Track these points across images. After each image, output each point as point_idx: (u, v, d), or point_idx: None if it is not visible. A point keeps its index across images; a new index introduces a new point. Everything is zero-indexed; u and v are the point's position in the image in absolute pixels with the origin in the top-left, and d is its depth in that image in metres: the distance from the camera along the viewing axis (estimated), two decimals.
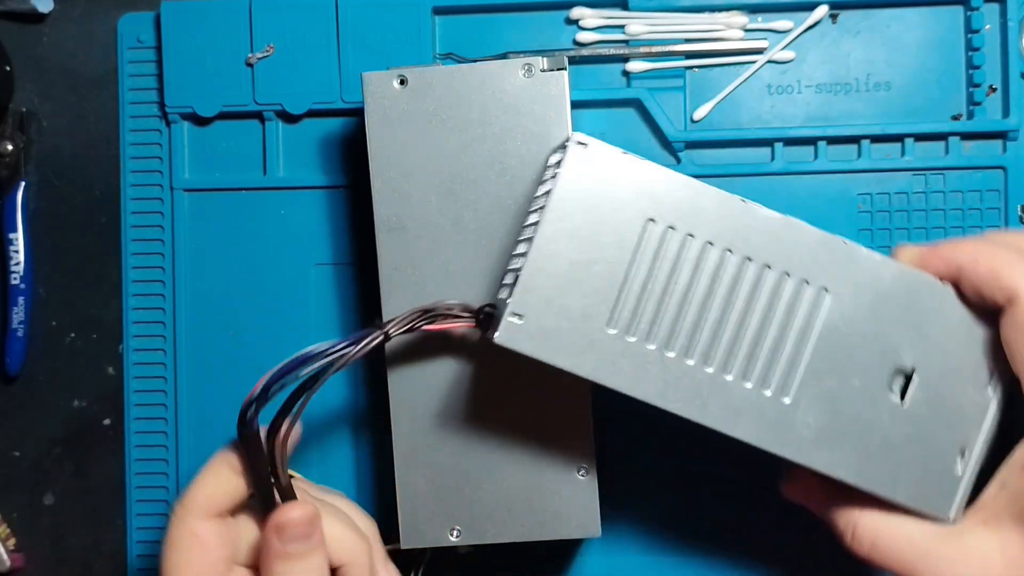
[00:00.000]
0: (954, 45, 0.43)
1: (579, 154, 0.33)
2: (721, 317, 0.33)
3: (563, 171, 0.33)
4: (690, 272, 0.33)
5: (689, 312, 0.33)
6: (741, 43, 0.43)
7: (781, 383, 0.33)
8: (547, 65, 0.37)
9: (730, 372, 0.33)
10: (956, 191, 0.43)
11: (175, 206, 0.45)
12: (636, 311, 0.33)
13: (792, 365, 0.34)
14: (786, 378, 0.34)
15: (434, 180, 0.38)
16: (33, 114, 0.46)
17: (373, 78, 0.38)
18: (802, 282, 0.33)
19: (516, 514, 0.38)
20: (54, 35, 0.47)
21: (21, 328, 0.46)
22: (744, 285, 0.33)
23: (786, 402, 0.33)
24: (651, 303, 0.33)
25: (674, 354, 0.33)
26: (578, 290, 0.33)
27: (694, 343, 0.33)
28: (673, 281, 0.33)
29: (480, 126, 0.37)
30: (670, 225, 0.33)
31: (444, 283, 0.38)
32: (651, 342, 0.33)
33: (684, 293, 0.33)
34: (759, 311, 0.33)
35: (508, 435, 0.38)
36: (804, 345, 0.34)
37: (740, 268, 0.33)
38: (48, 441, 0.47)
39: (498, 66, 0.37)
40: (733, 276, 0.33)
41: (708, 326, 0.33)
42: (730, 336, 0.33)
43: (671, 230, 0.33)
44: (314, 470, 0.44)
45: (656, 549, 0.44)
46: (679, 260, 0.33)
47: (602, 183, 0.33)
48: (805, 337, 0.34)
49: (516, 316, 0.33)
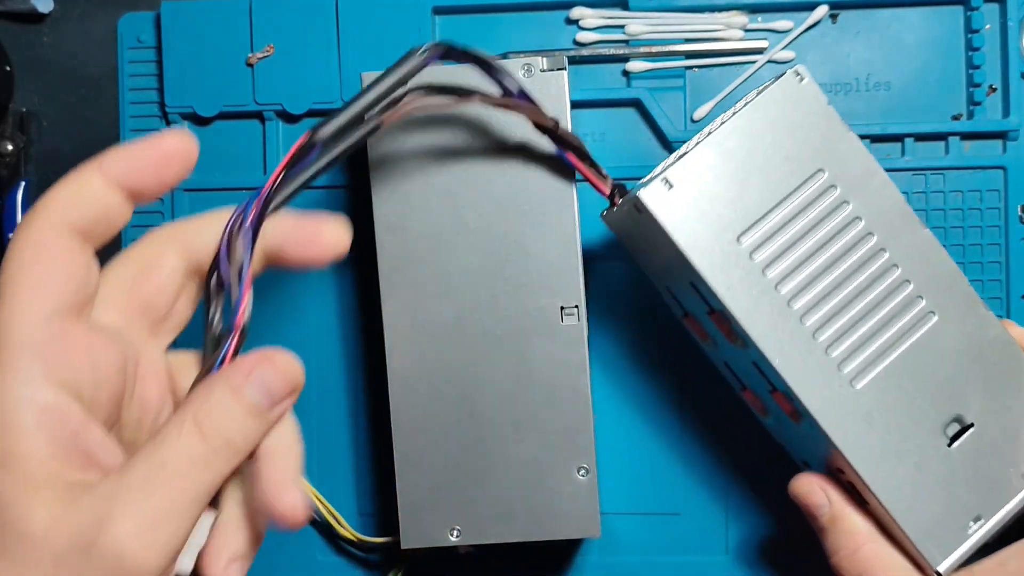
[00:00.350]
0: (954, 45, 0.43)
1: (791, 83, 0.35)
2: (838, 284, 0.35)
3: (771, 90, 0.35)
4: (829, 231, 0.35)
5: (812, 265, 0.35)
6: (741, 43, 0.43)
7: (859, 369, 0.35)
8: (547, 65, 0.37)
9: (823, 335, 0.35)
10: (956, 191, 0.43)
11: (175, 206, 0.45)
12: (768, 240, 0.34)
13: (878, 358, 0.35)
14: (866, 366, 0.35)
15: (434, 180, 0.38)
16: (33, 114, 0.46)
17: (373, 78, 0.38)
18: (919, 295, 0.35)
19: (516, 514, 0.38)
20: (54, 35, 0.47)
21: None
22: (871, 267, 0.35)
23: (856, 387, 0.35)
24: (784, 240, 0.35)
25: (783, 293, 0.34)
26: (729, 195, 0.34)
27: (804, 294, 0.35)
28: (812, 231, 0.35)
29: (480, 126, 0.37)
30: (833, 184, 0.35)
31: (444, 283, 0.38)
32: (769, 273, 0.34)
33: (816, 247, 0.35)
34: (873, 296, 0.35)
35: (508, 435, 0.38)
36: (896, 347, 0.35)
37: (873, 251, 0.35)
38: None
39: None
40: (864, 254, 0.35)
41: (823, 286, 0.35)
42: (838, 304, 0.35)
43: (832, 188, 0.35)
44: (314, 469, 0.44)
45: (656, 549, 0.44)
46: (826, 216, 0.35)
47: (798, 117, 0.35)
48: (900, 341, 0.35)
49: (667, 183, 0.34)
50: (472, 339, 0.38)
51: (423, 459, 0.38)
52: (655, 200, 0.34)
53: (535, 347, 0.38)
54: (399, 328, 0.38)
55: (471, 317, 0.38)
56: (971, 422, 0.35)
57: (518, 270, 0.38)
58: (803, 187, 0.35)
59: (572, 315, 0.38)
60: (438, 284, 0.38)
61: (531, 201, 0.37)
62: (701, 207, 0.34)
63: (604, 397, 0.44)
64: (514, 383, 0.38)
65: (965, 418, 0.35)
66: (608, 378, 0.44)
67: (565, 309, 0.38)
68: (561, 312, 0.38)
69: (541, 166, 0.37)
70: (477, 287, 0.38)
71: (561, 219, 0.37)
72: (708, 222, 0.34)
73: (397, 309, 0.38)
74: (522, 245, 0.38)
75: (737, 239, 0.34)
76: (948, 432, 0.35)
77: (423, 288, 0.38)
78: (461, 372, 0.38)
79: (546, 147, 0.37)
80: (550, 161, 0.37)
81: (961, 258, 0.42)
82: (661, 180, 0.34)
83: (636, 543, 0.44)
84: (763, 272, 0.34)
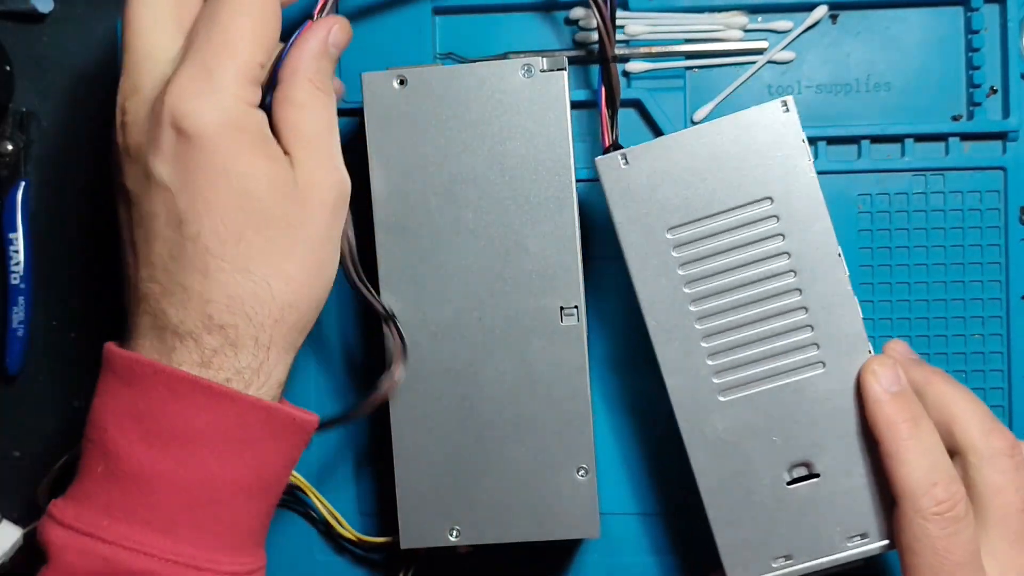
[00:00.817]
0: (954, 45, 0.43)
1: (775, 109, 0.36)
2: (743, 305, 0.36)
3: (754, 110, 0.36)
4: (755, 255, 0.36)
5: (726, 279, 0.36)
6: (741, 43, 0.43)
7: (731, 385, 0.36)
8: (547, 65, 0.37)
9: (710, 343, 0.36)
10: (956, 191, 0.43)
11: None
12: (695, 242, 0.36)
13: (753, 382, 0.36)
14: (739, 385, 0.36)
15: (434, 180, 0.38)
16: (33, 114, 0.46)
17: (373, 78, 0.38)
18: (815, 343, 0.36)
19: (516, 514, 0.38)
20: (54, 35, 0.46)
21: (21, 328, 0.46)
22: (780, 301, 0.36)
23: (720, 399, 0.36)
24: (709, 247, 0.36)
25: (688, 292, 0.36)
26: (677, 189, 0.36)
27: (708, 301, 0.36)
28: (738, 249, 0.36)
29: (480, 126, 0.37)
30: (776, 215, 0.36)
31: (444, 283, 0.38)
32: (683, 271, 0.36)
33: (736, 265, 0.36)
34: (771, 327, 0.36)
35: (508, 435, 0.38)
36: (774, 380, 0.36)
37: (788, 288, 0.36)
38: (48, 441, 0.47)
39: (498, 66, 0.37)
40: (779, 288, 0.36)
41: (728, 300, 0.36)
42: (736, 321, 0.36)
43: (774, 218, 0.36)
44: (314, 469, 0.44)
45: (656, 549, 0.44)
46: (757, 241, 0.36)
47: (769, 143, 0.36)
48: (780, 376, 0.36)
49: (624, 159, 0.36)
50: (472, 339, 0.38)
51: (423, 459, 0.38)
52: (607, 169, 0.36)
53: (535, 347, 0.38)
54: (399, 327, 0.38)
55: (471, 317, 0.38)
56: (819, 472, 0.36)
57: (518, 270, 0.38)
58: (747, 207, 0.36)
59: (572, 315, 0.38)
60: (438, 284, 0.38)
61: (531, 201, 0.37)
62: (646, 190, 0.36)
63: (604, 397, 0.44)
64: (514, 383, 0.38)
65: (815, 467, 0.36)
66: (608, 378, 0.44)
67: (565, 309, 0.38)
68: (561, 312, 0.38)
69: (541, 166, 0.37)
70: (477, 287, 0.38)
71: (561, 219, 0.37)
72: (647, 205, 0.36)
73: (397, 309, 0.38)
74: (522, 245, 0.38)
75: (668, 230, 0.36)
76: (793, 473, 0.36)
77: (423, 288, 0.38)
78: (461, 372, 0.38)
79: (546, 147, 0.37)
80: (550, 161, 0.37)
81: (961, 258, 0.42)
82: (620, 154, 0.36)
83: (636, 543, 0.44)
84: (678, 268, 0.36)
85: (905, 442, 0.34)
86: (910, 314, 0.43)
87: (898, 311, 0.43)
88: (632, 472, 0.44)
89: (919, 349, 0.43)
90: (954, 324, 0.43)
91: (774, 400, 0.36)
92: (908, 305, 0.43)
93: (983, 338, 0.43)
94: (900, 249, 0.43)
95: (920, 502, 0.33)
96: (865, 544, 0.36)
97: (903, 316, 0.43)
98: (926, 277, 0.43)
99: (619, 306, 0.43)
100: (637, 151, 0.36)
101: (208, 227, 0.31)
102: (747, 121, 0.36)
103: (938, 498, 0.33)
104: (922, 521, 0.33)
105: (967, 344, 0.43)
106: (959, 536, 0.32)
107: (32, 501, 0.47)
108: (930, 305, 0.43)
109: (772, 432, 0.36)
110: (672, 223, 0.36)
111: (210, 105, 0.31)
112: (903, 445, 0.34)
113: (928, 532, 0.33)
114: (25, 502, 0.47)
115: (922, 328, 0.43)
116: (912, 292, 0.43)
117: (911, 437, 0.34)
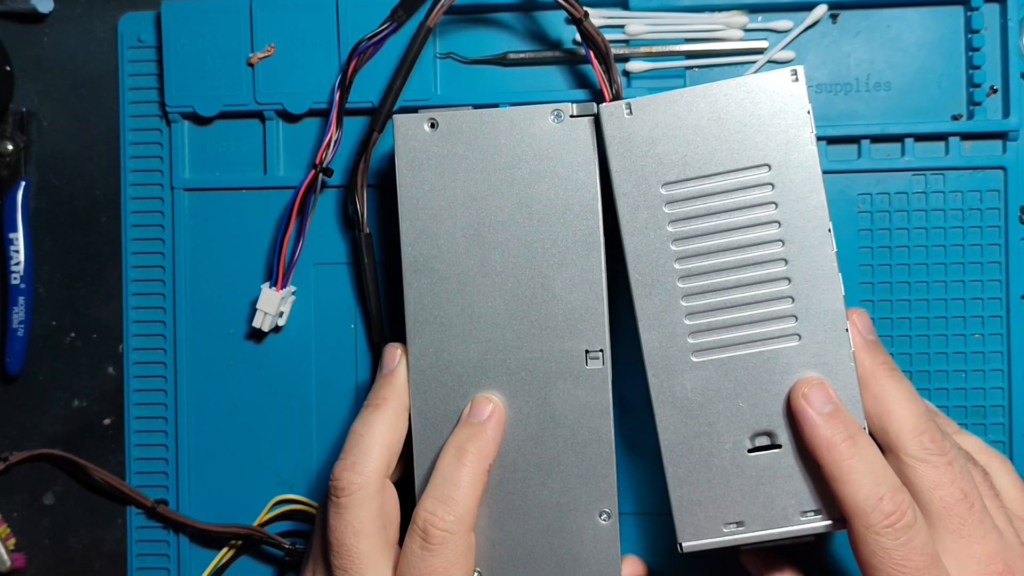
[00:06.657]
0: (954, 45, 0.43)
1: (784, 77, 0.36)
2: (727, 268, 0.36)
3: (763, 76, 0.36)
4: (745, 220, 0.36)
5: (713, 240, 0.36)
6: (741, 43, 0.43)
7: (705, 346, 0.36)
8: (577, 111, 0.37)
9: (690, 302, 0.36)
10: (956, 191, 0.43)
11: (175, 206, 0.45)
12: (688, 200, 0.36)
13: (727, 347, 0.36)
14: (712, 348, 0.36)
15: (462, 222, 0.38)
16: (33, 114, 0.46)
17: (404, 121, 0.38)
18: (795, 315, 0.36)
19: (537, 557, 0.38)
20: (54, 35, 0.47)
21: (21, 328, 0.46)
22: (765, 269, 0.36)
23: (693, 359, 0.36)
24: (701, 207, 0.36)
25: (674, 250, 0.36)
26: (676, 145, 0.36)
27: (692, 260, 0.36)
28: (730, 212, 0.36)
29: (509, 170, 0.38)
30: (771, 183, 0.36)
31: (470, 324, 0.38)
32: (672, 228, 0.36)
33: (725, 227, 0.36)
34: (752, 294, 0.36)
35: (531, 477, 0.38)
36: (748, 347, 0.36)
37: (775, 257, 0.36)
38: (48, 441, 0.47)
39: (527, 111, 0.38)
40: (765, 255, 0.36)
41: (713, 262, 0.36)
42: (718, 284, 0.36)
43: (769, 186, 0.36)
44: None
45: (656, 549, 0.44)
46: (749, 207, 0.36)
47: (773, 110, 0.36)
48: (755, 343, 0.36)
49: (628, 108, 0.36)
50: (496, 380, 0.38)
51: None
52: (610, 117, 0.36)
53: (559, 390, 0.38)
54: (424, 368, 0.38)
55: (496, 358, 0.38)
56: (780, 443, 0.36)
57: (544, 313, 0.38)
58: (744, 172, 0.36)
59: (597, 359, 0.38)
60: (464, 325, 0.38)
61: (557, 243, 0.38)
62: (647, 143, 0.36)
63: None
64: (537, 425, 0.38)
65: (777, 437, 0.36)
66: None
67: (590, 353, 0.38)
68: (586, 355, 0.38)
69: (569, 210, 0.37)
70: (503, 329, 0.38)
71: (588, 263, 0.37)
72: (645, 158, 0.36)
73: (422, 349, 0.38)
74: (548, 288, 0.38)
75: (662, 185, 0.36)
76: (756, 441, 0.36)
77: (449, 329, 0.38)
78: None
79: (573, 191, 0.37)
80: (577, 205, 0.38)
81: (961, 258, 0.42)
82: (625, 103, 0.36)
83: (636, 543, 0.44)
84: (668, 224, 0.36)
85: (847, 462, 0.33)
86: (910, 314, 0.43)
87: (898, 311, 0.43)
88: (632, 472, 0.44)
89: (919, 349, 0.43)
90: (954, 324, 0.43)
91: (746, 366, 0.36)
92: (908, 305, 0.43)
93: (983, 338, 0.43)
94: (900, 249, 0.43)
95: (870, 519, 0.33)
96: (817, 520, 0.36)
97: (903, 316, 0.43)
98: (926, 277, 0.43)
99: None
100: (642, 102, 0.36)
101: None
102: (755, 85, 0.36)
103: (886, 511, 0.33)
104: (875, 536, 0.33)
105: (967, 344, 0.43)
106: (913, 542, 0.32)
107: (32, 501, 0.47)
108: (930, 305, 0.43)
109: (739, 398, 0.36)
110: (668, 179, 0.36)
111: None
112: (845, 466, 0.33)
113: (883, 545, 0.32)
114: (25, 502, 0.47)
115: (922, 328, 0.43)
116: (912, 292, 0.43)
117: (852, 456, 0.34)
